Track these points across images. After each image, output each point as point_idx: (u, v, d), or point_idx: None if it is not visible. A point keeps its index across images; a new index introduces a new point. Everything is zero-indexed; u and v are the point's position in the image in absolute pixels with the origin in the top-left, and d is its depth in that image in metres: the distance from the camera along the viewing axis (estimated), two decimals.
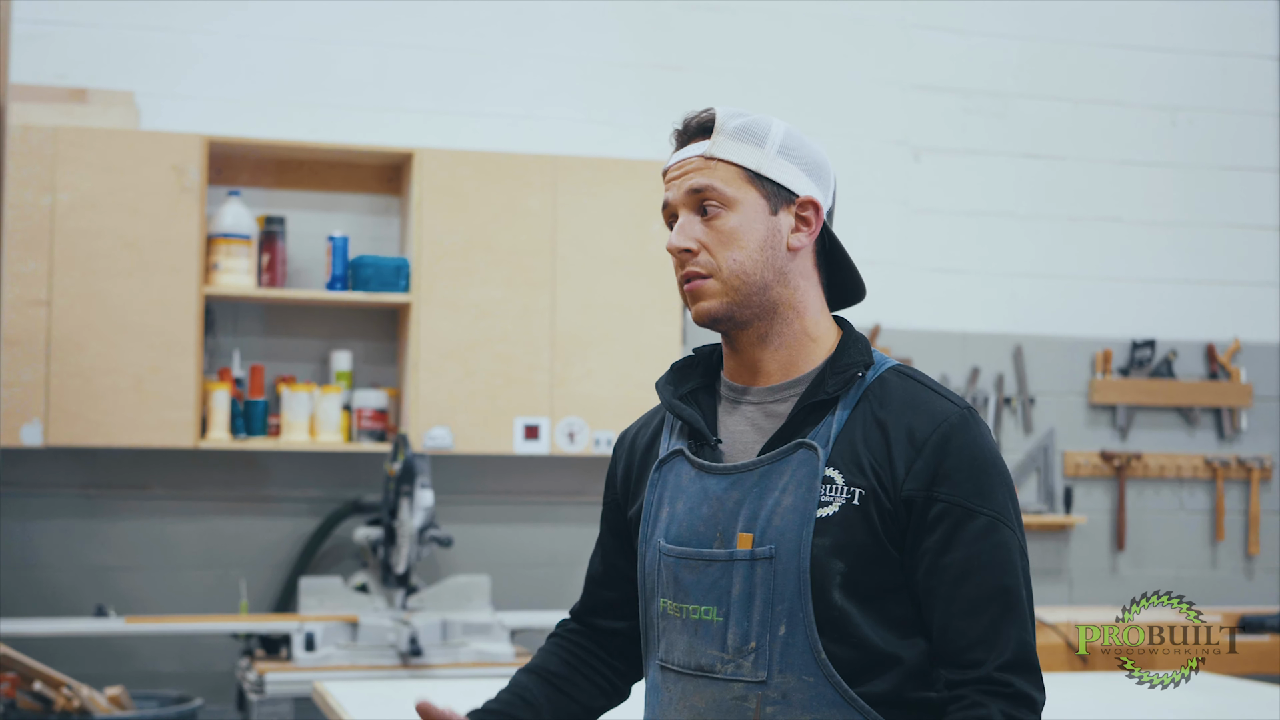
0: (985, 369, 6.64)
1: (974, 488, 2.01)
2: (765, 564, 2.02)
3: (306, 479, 5.92)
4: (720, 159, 2.11)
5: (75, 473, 5.70)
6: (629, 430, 2.35)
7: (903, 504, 2.01)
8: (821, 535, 2.00)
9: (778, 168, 2.12)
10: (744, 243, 2.09)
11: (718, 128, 2.13)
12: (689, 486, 2.14)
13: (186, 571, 5.81)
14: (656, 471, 2.19)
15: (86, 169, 5.45)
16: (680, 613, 2.11)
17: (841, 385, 2.07)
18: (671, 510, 2.14)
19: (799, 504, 2.02)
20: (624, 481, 2.30)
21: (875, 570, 2.01)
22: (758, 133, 2.13)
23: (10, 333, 5.21)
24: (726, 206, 2.10)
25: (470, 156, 5.81)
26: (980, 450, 2.04)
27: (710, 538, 2.08)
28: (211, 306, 5.75)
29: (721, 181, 2.10)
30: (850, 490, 2.01)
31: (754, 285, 2.09)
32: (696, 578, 2.08)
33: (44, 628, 5.29)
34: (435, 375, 5.71)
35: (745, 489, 2.07)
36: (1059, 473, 6.69)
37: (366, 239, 5.98)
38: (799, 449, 2.05)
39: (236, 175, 5.86)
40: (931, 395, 2.07)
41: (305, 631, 5.19)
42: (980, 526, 2.00)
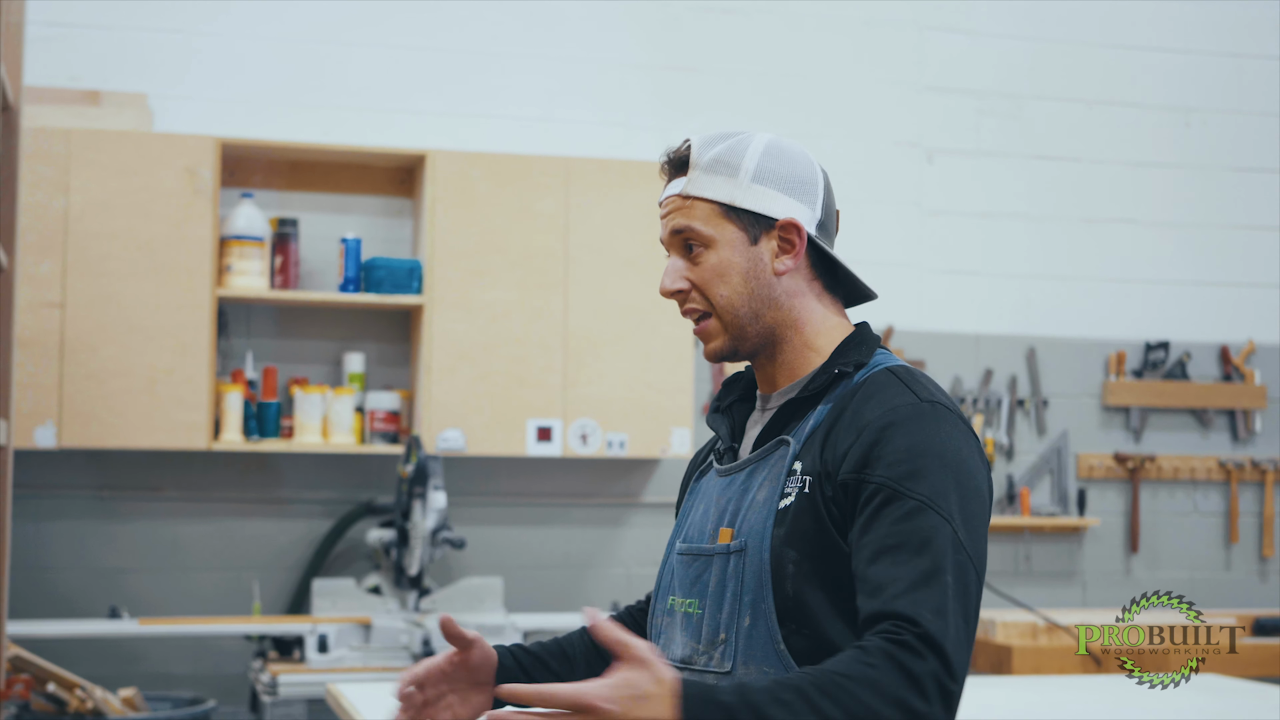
0: (998, 371, 6.63)
1: (907, 470, 1.91)
2: (737, 557, 2.04)
3: (319, 481, 5.93)
4: (695, 196, 2.13)
5: (88, 474, 5.71)
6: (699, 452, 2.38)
7: (840, 488, 1.96)
8: (779, 526, 2.01)
9: (753, 196, 2.12)
10: (728, 278, 2.11)
11: (692, 162, 2.15)
12: (711, 490, 2.19)
13: (199, 573, 5.82)
14: (695, 482, 2.27)
15: (100, 171, 5.46)
16: (680, 607, 2.15)
17: (824, 384, 2.09)
18: (693, 516, 2.20)
19: (768, 498, 2.04)
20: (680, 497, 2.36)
21: (825, 560, 1.97)
22: (731, 162, 2.13)
23: (24, 334, 5.22)
24: (706, 245, 2.12)
25: (483, 158, 5.82)
26: (925, 438, 1.95)
27: (707, 535, 2.13)
28: (224, 308, 5.75)
29: (700, 221, 2.12)
30: (803, 479, 2.02)
31: (745, 317, 2.12)
32: (686, 572, 2.13)
33: (57, 629, 5.30)
34: (448, 377, 5.72)
35: (735, 488, 2.12)
36: (1072, 475, 6.68)
37: (379, 241, 5.98)
38: (779, 446, 2.08)
39: (249, 177, 5.86)
40: (901, 389, 2.03)
41: (318, 633, 5.20)
42: (906, 509, 1.89)
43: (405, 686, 2.14)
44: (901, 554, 1.86)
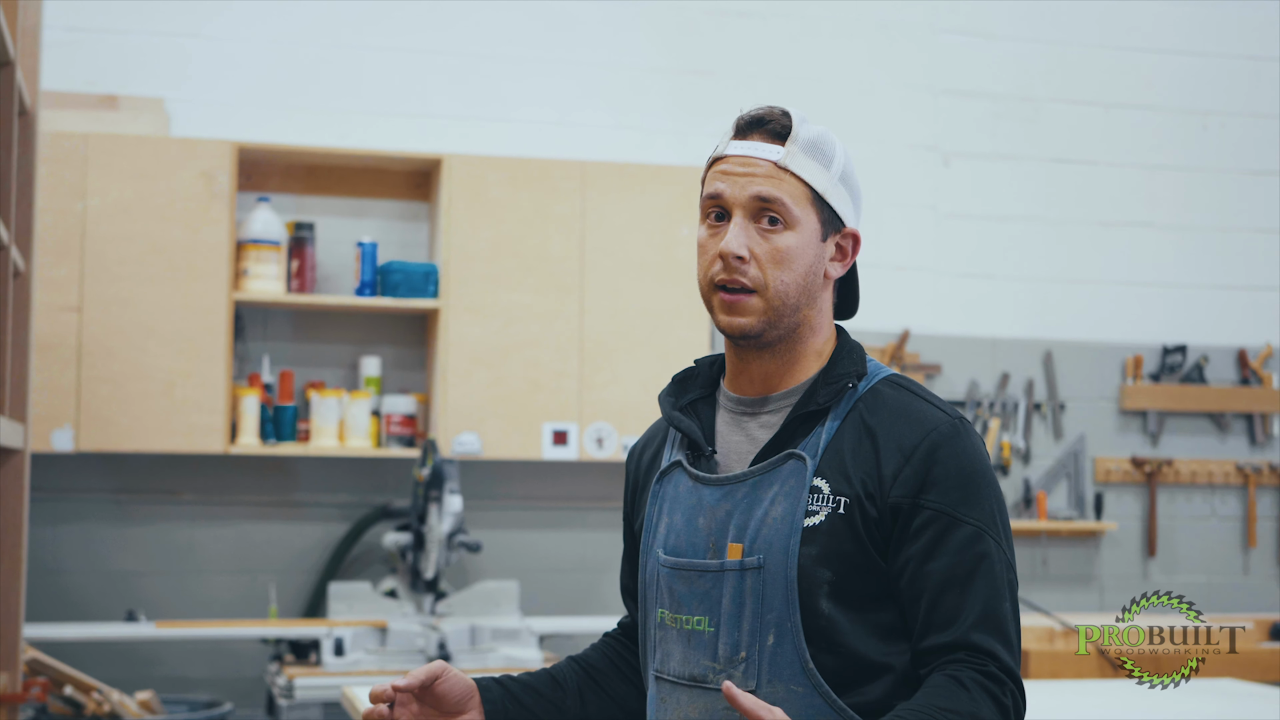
0: (1015, 374, 6.62)
1: (961, 496, 1.99)
2: (754, 574, 2.01)
3: (336, 484, 5.94)
4: (793, 172, 2.06)
5: (106, 478, 5.73)
6: (637, 444, 2.35)
7: (889, 511, 1.99)
8: (808, 544, 1.99)
9: (838, 194, 2.09)
10: (794, 265, 2.06)
11: (793, 135, 2.08)
12: (686, 498, 2.13)
13: (216, 576, 5.83)
14: (657, 484, 2.18)
15: (117, 175, 5.47)
16: (676, 623, 2.10)
17: (832, 396, 2.06)
18: (670, 522, 2.14)
19: (787, 514, 2.01)
20: (631, 495, 2.31)
21: (862, 579, 2.00)
22: (826, 151, 2.09)
23: (41, 338, 5.23)
24: (789, 225, 2.06)
25: (499, 162, 5.82)
26: (969, 460, 2.02)
27: (704, 548, 2.08)
28: (241, 312, 5.76)
29: (791, 198, 2.05)
30: (836, 499, 2.00)
31: (790, 308, 2.08)
32: (689, 588, 2.08)
33: (75, 633, 5.31)
34: (464, 381, 5.72)
35: (736, 500, 2.07)
36: (1090, 479, 6.66)
37: (396, 245, 5.99)
38: (789, 460, 2.05)
39: (266, 181, 5.88)
40: (923, 404, 2.07)
41: (334, 636, 5.21)
42: (965, 536, 1.98)
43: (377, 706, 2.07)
44: (969, 584, 1.96)
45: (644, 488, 2.24)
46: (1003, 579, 1.98)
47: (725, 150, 2.10)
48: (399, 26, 6.10)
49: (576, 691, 2.26)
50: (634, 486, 2.30)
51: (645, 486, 2.24)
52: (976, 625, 1.95)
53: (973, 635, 1.94)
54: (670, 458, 2.20)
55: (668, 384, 2.25)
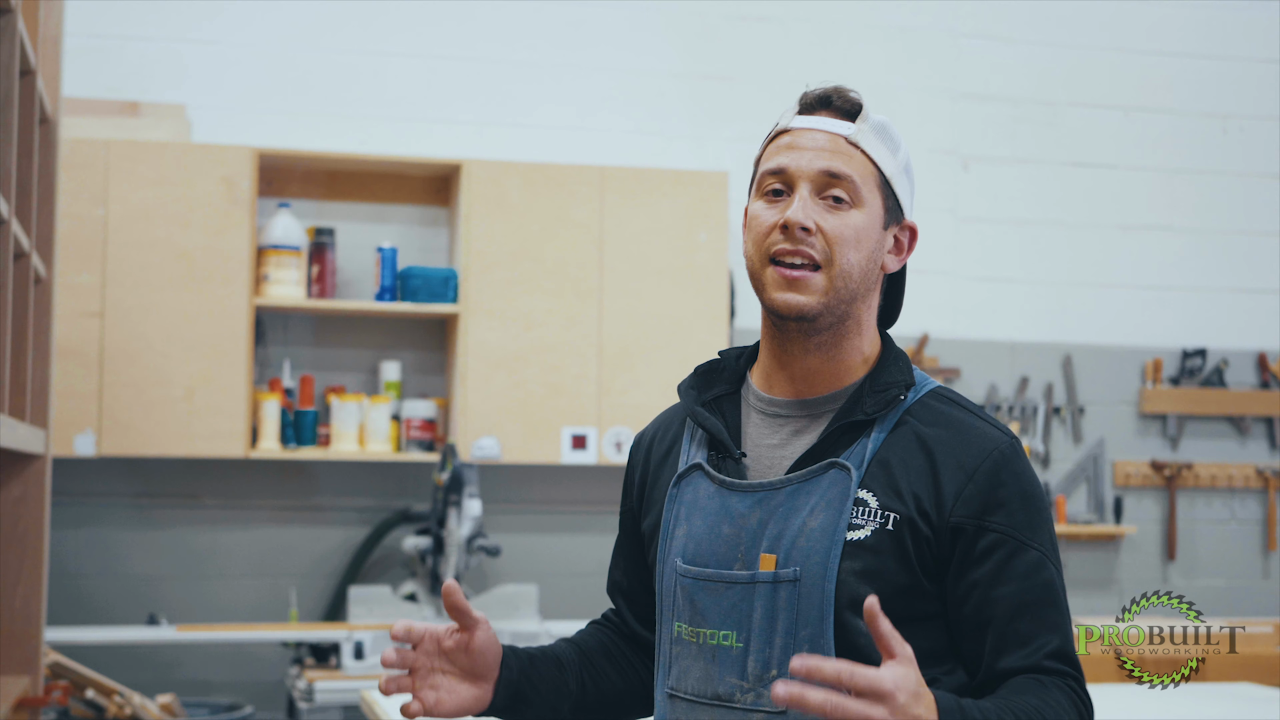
0: (1034, 378, 6.61)
1: (1026, 519, 1.91)
2: (789, 587, 1.90)
3: (356, 488, 5.96)
4: (865, 150, 1.98)
5: (127, 482, 5.76)
6: (645, 433, 2.20)
7: (949, 531, 1.90)
8: (851, 559, 1.89)
9: (902, 183, 2.02)
10: (860, 245, 1.96)
11: (863, 115, 2.01)
12: (708, 503, 2.00)
13: (237, 580, 5.86)
14: (675, 487, 2.05)
15: (138, 181, 5.50)
16: (696, 638, 1.97)
17: (881, 406, 1.95)
18: (689, 528, 2.01)
19: (827, 526, 1.90)
20: (639, 490, 2.17)
21: (904, 600, 1.89)
22: (894, 137, 2.02)
23: (63, 344, 5.27)
24: (855, 204, 1.96)
25: (518, 167, 5.84)
26: (1030, 482, 1.95)
27: (731, 559, 1.95)
28: (262, 317, 5.79)
29: (860, 177, 1.96)
30: (885, 514, 1.90)
31: (849, 294, 1.96)
32: (715, 600, 1.95)
33: (97, 636, 5.34)
34: (483, 385, 5.74)
35: (771, 508, 1.95)
36: (1109, 482, 6.66)
37: (415, 250, 6.01)
38: (830, 469, 1.93)
39: (286, 187, 5.91)
40: (978, 421, 1.98)
41: (354, 640, 5.22)
42: (1031, 561, 1.90)
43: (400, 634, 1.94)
44: (1040, 610, 1.90)
45: (655, 483, 2.12)
46: (1064, 603, 1.93)
47: (790, 124, 2.03)
48: (419, 33, 6.12)
49: (577, 676, 2.13)
50: (643, 480, 2.16)
51: (657, 482, 2.11)
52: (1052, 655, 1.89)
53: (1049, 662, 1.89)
54: (689, 458, 2.06)
55: (689, 375, 2.12)
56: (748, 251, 2.00)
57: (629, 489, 2.20)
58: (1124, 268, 6.77)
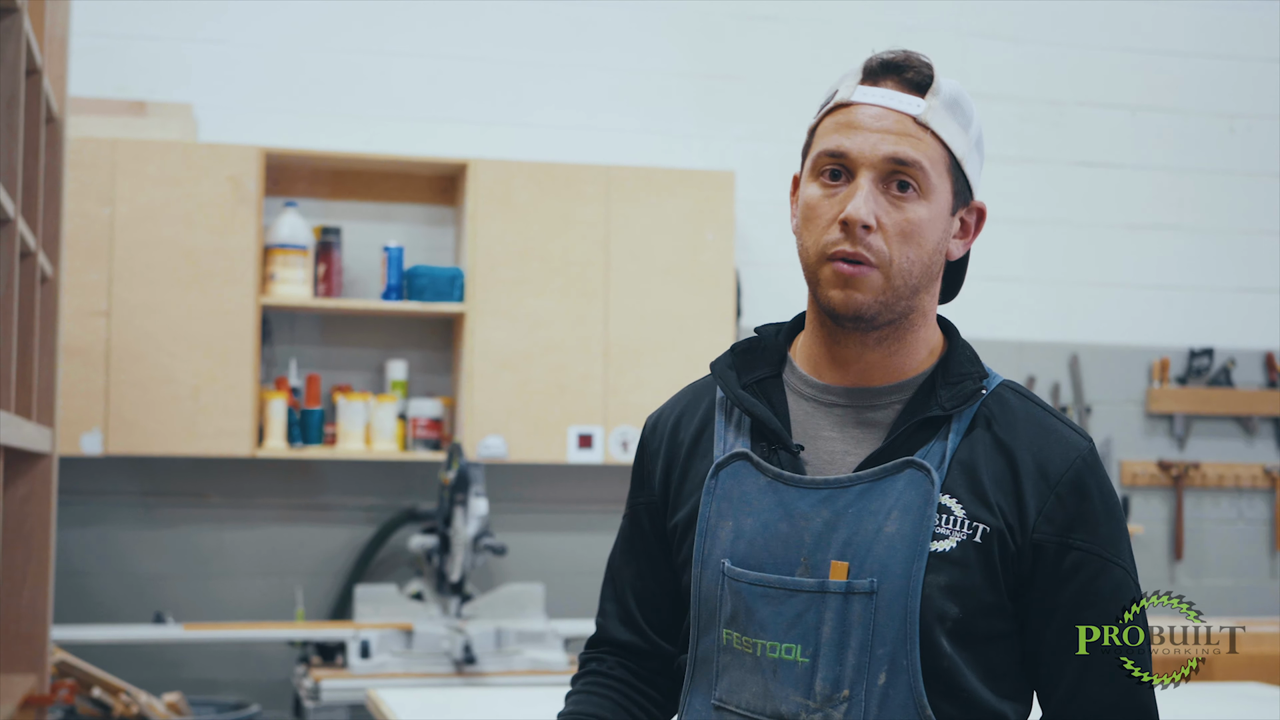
0: (1041, 378, 6.61)
1: (1109, 535, 1.79)
2: (864, 599, 1.72)
3: (362, 487, 5.96)
4: (935, 132, 1.77)
5: (134, 481, 5.76)
6: (664, 415, 1.99)
7: (1030, 548, 1.75)
8: (936, 573, 1.72)
9: (973, 161, 1.82)
10: (922, 241, 1.78)
11: (935, 88, 1.78)
12: (759, 499, 1.80)
13: (244, 579, 5.86)
14: (713, 477, 1.84)
15: (145, 181, 5.51)
16: (752, 648, 1.78)
17: (959, 400, 1.79)
18: (737, 525, 1.81)
19: (908, 533, 1.73)
20: (664, 479, 1.94)
21: (987, 619, 1.76)
22: (966, 110, 1.81)
23: (70, 342, 5.27)
24: (923, 195, 1.77)
25: (524, 167, 5.84)
26: (1111, 493, 1.82)
27: (792, 563, 1.77)
28: (268, 316, 5.80)
29: (930, 163, 1.76)
30: (973, 525, 1.74)
31: (909, 290, 1.79)
32: (776, 610, 1.76)
33: (103, 635, 5.34)
34: (489, 384, 5.74)
35: (839, 509, 1.76)
36: (1116, 482, 6.65)
37: (422, 249, 6.02)
38: (906, 468, 1.76)
39: (293, 186, 5.91)
40: (1057, 424, 1.83)
41: (360, 639, 5.22)
42: (1116, 581, 1.78)
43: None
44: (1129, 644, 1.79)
45: (687, 472, 1.90)
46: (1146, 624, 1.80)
47: (851, 97, 1.79)
48: (425, 32, 6.12)
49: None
50: (668, 468, 1.93)
51: (689, 472, 1.90)
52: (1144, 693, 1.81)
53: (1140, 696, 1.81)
54: (728, 445, 1.86)
55: (725, 353, 1.91)
56: (805, 245, 1.81)
57: (646, 479, 1.97)
58: (1131, 267, 6.76)
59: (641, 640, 2.01)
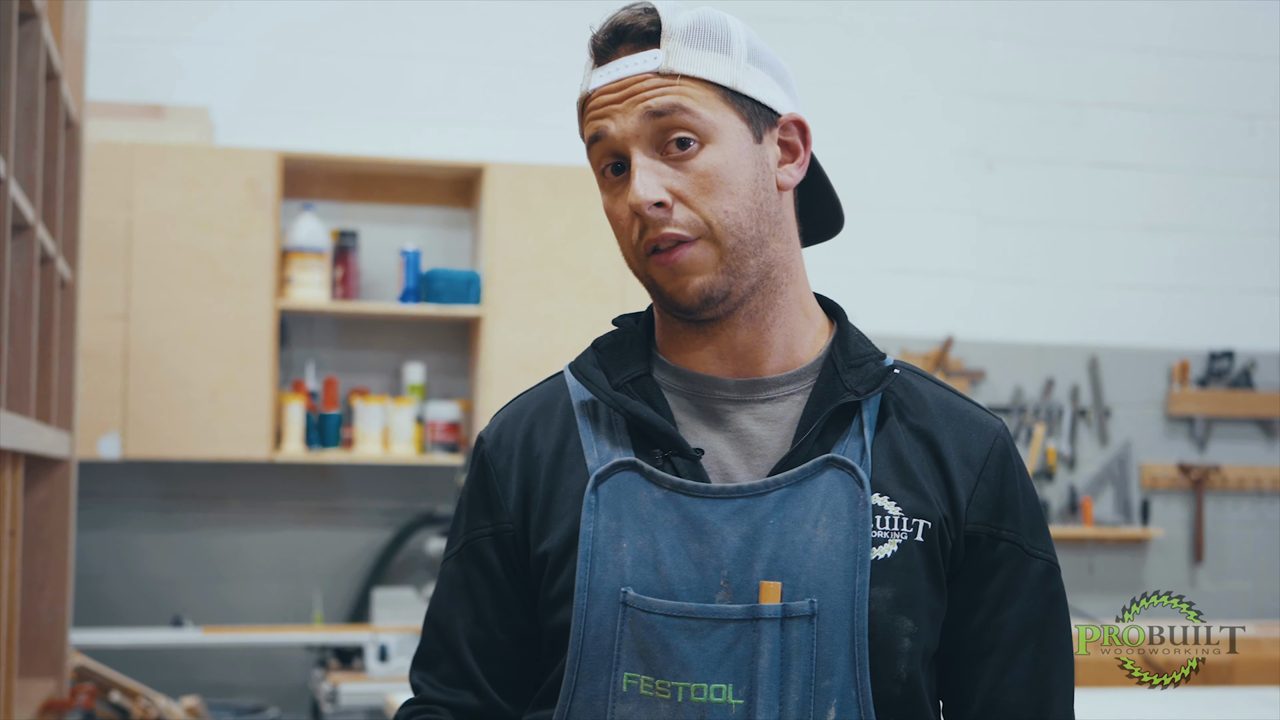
0: (1060, 380, 6.58)
1: (1029, 523, 1.63)
2: (804, 624, 1.50)
3: (380, 490, 5.96)
4: (684, 74, 1.56)
5: (153, 484, 5.77)
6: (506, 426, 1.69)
7: (965, 540, 1.59)
8: (880, 584, 1.53)
9: (753, 79, 1.59)
10: (732, 187, 1.55)
11: (666, 30, 1.57)
12: (658, 514, 1.55)
13: (262, 583, 5.86)
14: (594, 492, 1.57)
15: (163, 184, 5.51)
16: (669, 693, 1.51)
17: (870, 384, 1.58)
18: (635, 546, 1.55)
19: (843, 541, 1.52)
20: (522, 501, 1.64)
21: (933, 629, 1.59)
22: (717, 33, 1.59)
23: (88, 346, 5.27)
24: (705, 138, 1.55)
25: (541, 170, 5.83)
26: (1026, 476, 1.65)
27: (710, 587, 1.52)
28: (286, 319, 5.79)
29: (694, 103, 1.55)
30: (913, 523, 1.56)
31: (751, 243, 1.56)
32: (698, 645, 1.51)
33: (122, 638, 5.34)
34: (506, 387, 5.73)
35: (757, 520, 1.53)
36: (1136, 485, 6.62)
37: (440, 252, 6.01)
38: (828, 467, 1.55)
39: (310, 189, 5.90)
40: (967, 405, 1.66)
41: (378, 643, 5.22)
42: (1039, 572, 1.63)
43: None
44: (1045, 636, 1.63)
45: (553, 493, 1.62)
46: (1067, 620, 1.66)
47: (589, 87, 1.62)
48: (442, 35, 6.12)
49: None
50: (524, 486, 1.64)
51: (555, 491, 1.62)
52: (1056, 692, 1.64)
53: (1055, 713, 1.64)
54: (604, 454, 1.59)
55: (587, 351, 1.65)
56: (625, 257, 1.63)
57: (493, 503, 1.66)
58: (1150, 269, 6.73)
59: (478, 700, 1.67)
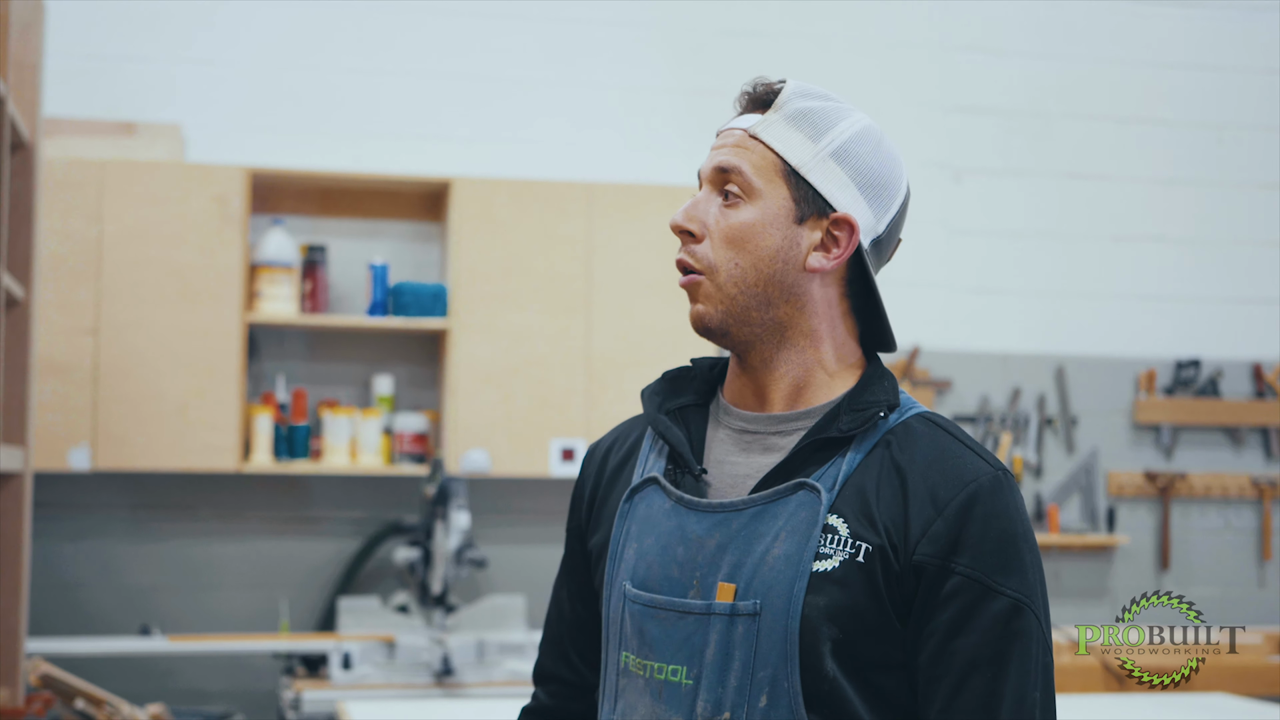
0: (1027, 389, 6.64)
1: (998, 562, 1.72)
2: (747, 621, 1.72)
3: (349, 501, 6.04)
4: (763, 141, 1.80)
5: (123, 495, 5.86)
6: (601, 443, 2.02)
7: (911, 570, 1.72)
8: (817, 593, 1.71)
9: (823, 171, 1.80)
10: (752, 246, 1.79)
11: (777, 103, 1.82)
12: (663, 522, 1.82)
13: (233, 592, 5.95)
14: (627, 501, 1.87)
15: (133, 201, 5.60)
16: (644, 670, 1.80)
17: (858, 424, 1.77)
18: (640, 548, 1.83)
19: (792, 553, 1.72)
20: (589, 504, 1.98)
21: (873, 641, 1.73)
22: (819, 124, 1.81)
23: (58, 359, 5.38)
24: (747, 197, 1.80)
25: (506, 184, 5.91)
26: (1010, 520, 1.74)
27: (685, 585, 1.78)
28: (256, 333, 5.89)
29: (752, 168, 1.80)
30: (856, 544, 1.72)
31: (754, 299, 1.80)
32: (665, 631, 1.78)
33: (90, 647, 5.43)
34: (473, 399, 5.82)
35: (731, 532, 1.77)
36: (1102, 492, 6.68)
37: (409, 265, 6.09)
38: (799, 490, 1.75)
39: (280, 204, 5.99)
40: (962, 449, 1.78)
41: (343, 651, 5.31)
42: (1001, 609, 1.71)
43: None
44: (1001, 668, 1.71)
45: (607, 497, 1.94)
46: (1038, 662, 1.72)
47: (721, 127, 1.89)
48: (410, 51, 6.20)
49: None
50: (593, 494, 1.97)
51: (609, 496, 1.93)
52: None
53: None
54: (645, 470, 1.88)
55: (655, 380, 1.94)
56: None
57: (578, 503, 2.01)
58: (1118, 278, 6.79)
59: (568, 670, 2.03)
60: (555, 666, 2.04)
